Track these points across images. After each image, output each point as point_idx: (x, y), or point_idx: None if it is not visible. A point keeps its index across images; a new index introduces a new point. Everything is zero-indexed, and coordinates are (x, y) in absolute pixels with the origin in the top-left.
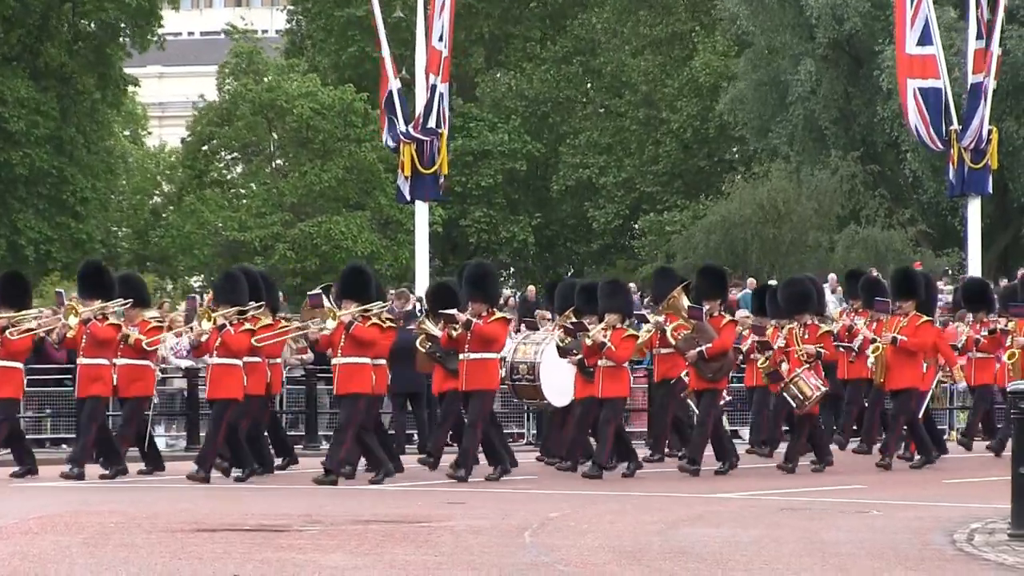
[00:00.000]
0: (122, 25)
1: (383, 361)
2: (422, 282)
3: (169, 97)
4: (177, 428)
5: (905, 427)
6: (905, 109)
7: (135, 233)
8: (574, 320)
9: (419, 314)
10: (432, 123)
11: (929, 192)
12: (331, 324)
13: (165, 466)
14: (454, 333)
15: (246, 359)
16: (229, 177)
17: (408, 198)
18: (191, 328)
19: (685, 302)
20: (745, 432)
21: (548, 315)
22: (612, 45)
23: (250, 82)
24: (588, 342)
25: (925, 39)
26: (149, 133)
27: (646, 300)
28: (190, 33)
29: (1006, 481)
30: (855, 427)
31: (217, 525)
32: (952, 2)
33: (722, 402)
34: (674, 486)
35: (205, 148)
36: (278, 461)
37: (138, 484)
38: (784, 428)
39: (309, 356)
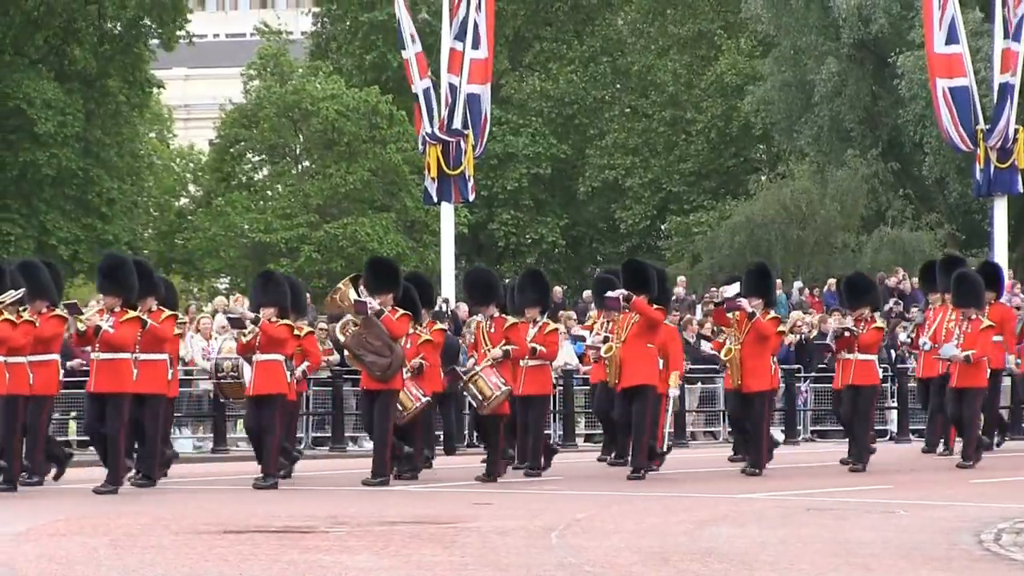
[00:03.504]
0: (148, 23)
1: None
2: (448, 283)
3: (194, 99)
4: (204, 430)
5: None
6: (937, 109)
7: (161, 235)
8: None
9: (447, 314)
10: (457, 124)
11: (954, 194)
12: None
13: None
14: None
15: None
16: (255, 179)
17: (435, 199)
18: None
19: (352, 295)
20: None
21: (573, 315)
22: (638, 46)
23: (275, 84)
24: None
25: (952, 38)
26: (175, 135)
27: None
28: (215, 35)
29: None
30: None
31: (243, 527)
32: (978, 4)
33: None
34: (699, 487)
35: (232, 150)
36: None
37: (165, 487)
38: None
39: (335, 357)
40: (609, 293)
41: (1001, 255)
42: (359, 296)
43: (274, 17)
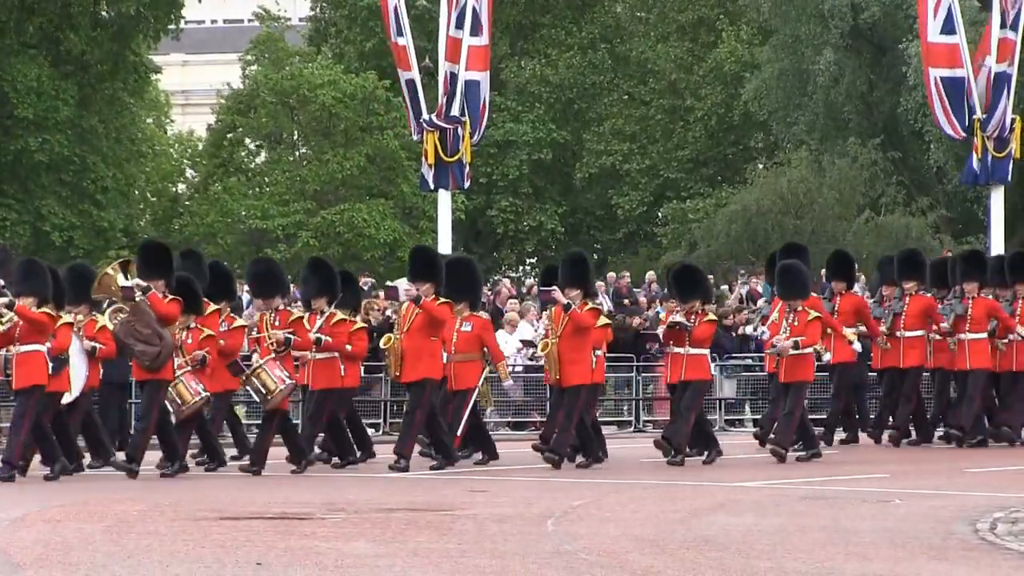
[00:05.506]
0: (141, 11)
1: None
2: None
3: (192, 85)
4: None
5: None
6: (930, 98)
7: (157, 221)
8: None
9: None
10: (455, 111)
11: (953, 181)
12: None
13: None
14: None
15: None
16: (252, 165)
17: (432, 186)
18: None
19: (121, 280)
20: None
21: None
22: (638, 32)
23: (271, 71)
24: None
25: (948, 28)
26: (172, 121)
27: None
28: (213, 21)
29: None
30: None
31: (240, 513)
32: None
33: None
34: (695, 475)
35: (230, 136)
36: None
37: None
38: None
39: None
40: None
41: (997, 244)
42: (128, 281)
43: (273, 2)
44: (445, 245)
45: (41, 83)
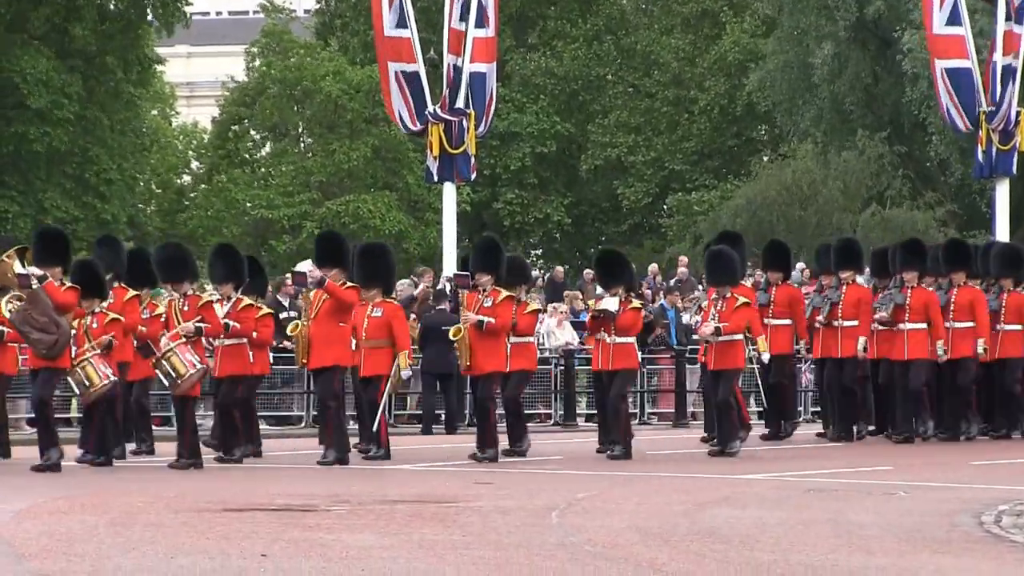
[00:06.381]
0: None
1: None
2: (450, 262)
3: (197, 77)
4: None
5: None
6: (937, 91)
7: (163, 212)
8: None
9: (448, 294)
10: (460, 103)
11: (956, 174)
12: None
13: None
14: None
15: None
16: (257, 156)
17: (436, 178)
18: None
19: (18, 267)
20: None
21: (579, 295)
22: (642, 24)
23: (276, 61)
24: None
25: (953, 19)
26: (177, 113)
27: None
28: (218, 13)
29: None
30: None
31: (244, 505)
32: None
33: None
34: (700, 468)
35: (235, 127)
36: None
37: (163, 465)
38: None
39: None
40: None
41: (1003, 237)
42: (24, 269)
43: None
44: (451, 237)
45: (49, 76)
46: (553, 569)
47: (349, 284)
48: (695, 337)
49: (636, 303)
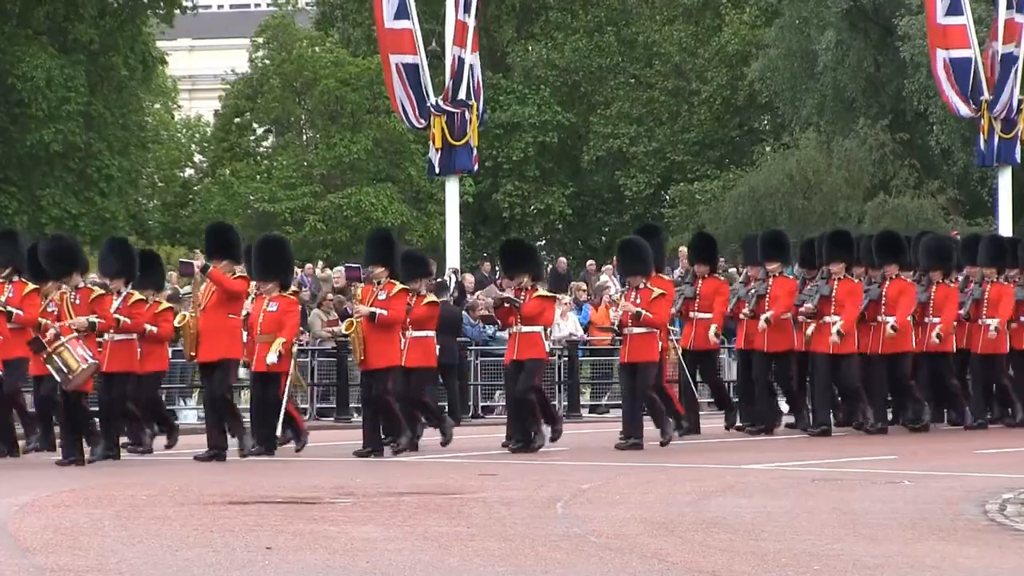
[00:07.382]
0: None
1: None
2: (453, 254)
3: (199, 70)
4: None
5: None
6: (937, 79)
7: (166, 206)
8: None
9: (451, 286)
10: (462, 95)
11: (959, 163)
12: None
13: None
14: None
15: None
16: (260, 149)
17: (438, 171)
18: None
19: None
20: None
21: (583, 286)
22: (644, 15)
23: (277, 55)
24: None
25: (955, 9)
26: (179, 107)
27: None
28: (220, 6)
29: None
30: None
31: (248, 498)
32: None
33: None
34: (705, 457)
35: (238, 120)
36: None
37: (170, 458)
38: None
39: (340, 328)
40: (183, 259)
41: (1005, 226)
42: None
43: None
44: (453, 228)
45: (51, 74)
46: (558, 560)
47: (239, 275)
48: (615, 313)
49: (542, 291)
